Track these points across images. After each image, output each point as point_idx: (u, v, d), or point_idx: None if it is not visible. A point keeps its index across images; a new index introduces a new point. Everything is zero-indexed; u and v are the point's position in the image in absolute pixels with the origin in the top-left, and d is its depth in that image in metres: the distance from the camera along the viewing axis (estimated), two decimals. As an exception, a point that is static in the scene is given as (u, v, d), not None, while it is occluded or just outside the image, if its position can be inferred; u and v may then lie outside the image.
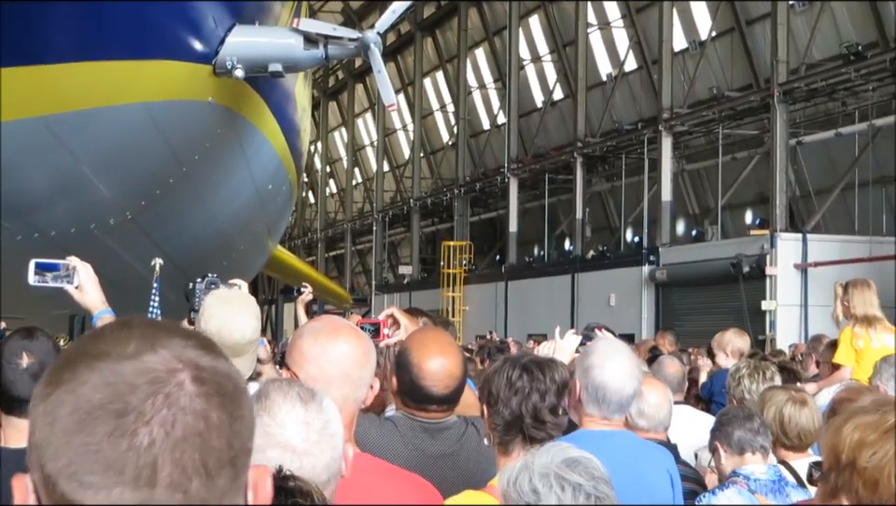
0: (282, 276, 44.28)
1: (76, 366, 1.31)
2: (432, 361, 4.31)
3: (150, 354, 1.31)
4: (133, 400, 1.27)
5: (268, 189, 26.19)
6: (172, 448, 1.26)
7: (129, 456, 1.25)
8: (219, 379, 1.34)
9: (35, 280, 4.30)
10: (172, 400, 1.28)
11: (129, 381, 1.28)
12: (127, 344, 1.33)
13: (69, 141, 16.24)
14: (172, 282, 18.58)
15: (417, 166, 53.86)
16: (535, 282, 40.12)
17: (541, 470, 2.65)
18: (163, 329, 1.38)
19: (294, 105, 26.37)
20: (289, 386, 2.66)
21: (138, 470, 1.24)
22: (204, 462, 1.28)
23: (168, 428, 1.27)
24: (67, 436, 1.27)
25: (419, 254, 53.03)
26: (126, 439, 1.25)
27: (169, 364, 1.31)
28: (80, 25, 14.40)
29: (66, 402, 1.28)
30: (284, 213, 32.95)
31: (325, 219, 67.96)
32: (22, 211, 18.47)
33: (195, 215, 22.89)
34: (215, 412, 1.30)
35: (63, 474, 1.26)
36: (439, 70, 54.06)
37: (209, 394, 1.31)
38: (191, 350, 1.35)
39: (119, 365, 1.30)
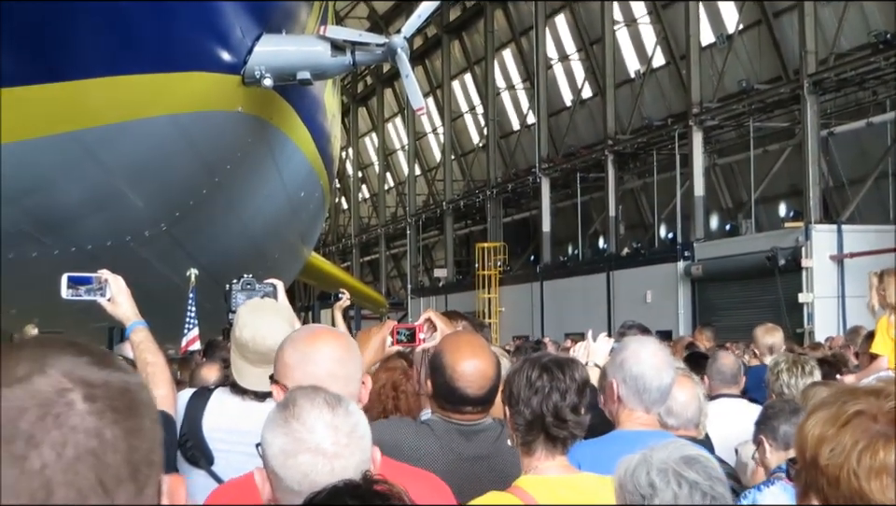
0: (318, 283, 44.36)
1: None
2: (466, 363, 4.33)
3: (39, 376, 1.29)
4: (23, 425, 1.25)
5: (300, 196, 26.26)
6: (65, 470, 1.24)
7: (21, 481, 1.23)
8: (113, 394, 1.32)
9: (69, 294, 4.33)
10: (62, 421, 1.26)
11: (18, 405, 1.27)
12: (17, 366, 1.31)
13: (101, 155, 16.33)
14: (207, 292, 18.72)
15: (449, 169, 53.86)
16: (570, 281, 40.05)
17: (660, 466, 2.64)
18: (56, 346, 1.36)
19: (324, 111, 26.42)
20: (315, 393, 2.69)
21: (31, 493, 1.23)
22: (101, 480, 1.26)
23: (59, 449, 1.25)
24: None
25: (453, 256, 53.05)
26: (17, 464, 1.24)
27: (59, 384, 1.29)
28: (108, 40, 14.47)
29: None
30: (317, 220, 33.03)
31: (358, 225, 68.11)
32: (58, 226, 18.61)
33: (228, 224, 22.97)
34: (108, 428, 1.29)
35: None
36: (467, 72, 54.04)
37: (101, 411, 1.29)
38: (83, 367, 1.32)
39: (8, 390, 1.28)
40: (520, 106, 49.76)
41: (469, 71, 53.79)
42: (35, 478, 1.23)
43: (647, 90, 38.89)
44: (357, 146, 68.66)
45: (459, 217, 53.92)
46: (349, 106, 63.95)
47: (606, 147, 38.94)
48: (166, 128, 16.71)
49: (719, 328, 18.44)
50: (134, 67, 15.19)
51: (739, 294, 31.37)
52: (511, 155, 49.17)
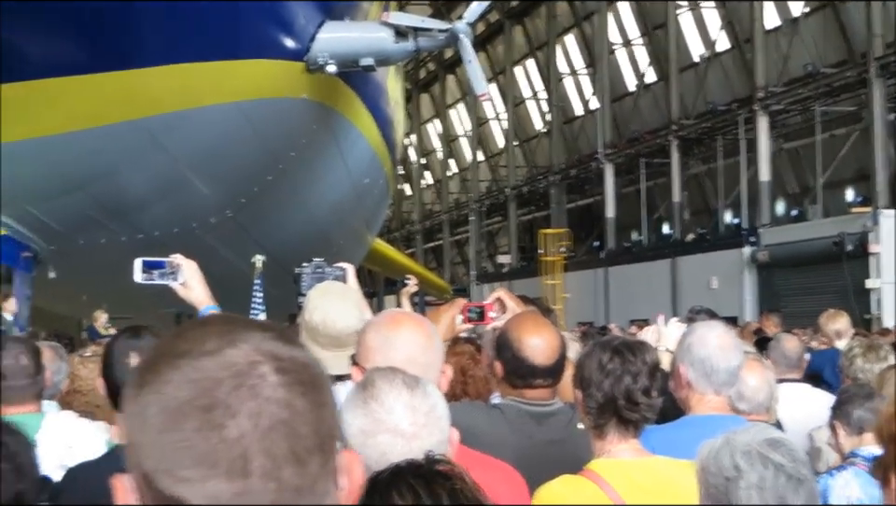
0: (382, 269, 44.47)
1: (158, 366, 1.34)
2: (532, 336, 4.37)
3: (231, 348, 1.34)
4: (219, 394, 1.29)
5: (364, 182, 26.33)
6: (261, 438, 1.28)
7: (220, 449, 1.27)
8: (299, 368, 1.36)
9: (142, 278, 4.37)
10: (256, 392, 1.30)
11: (213, 376, 1.31)
12: (206, 340, 1.35)
13: (167, 142, 16.48)
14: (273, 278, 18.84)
15: (512, 155, 53.81)
16: (634, 267, 39.90)
17: (744, 448, 2.64)
18: (241, 324, 1.40)
19: (387, 98, 26.47)
20: (393, 374, 2.71)
21: (230, 462, 1.27)
22: (294, 450, 1.30)
23: (255, 418, 1.29)
24: (159, 434, 1.30)
25: (517, 243, 53.01)
26: (216, 432, 1.28)
27: (249, 357, 1.33)
28: (173, 28, 14.59)
29: (153, 402, 1.31)
30: (381, 206, 33.11)
31: (422, 211, 68.24)
32: (125, 213, 18.83)
33: (293, 211, 23.09)
34: (298, 400, 1.32)
35: (159, 471, 1.29)
36: (529, 58, 53.90)
37: (291, 383, 1.33)
38: (270, 342, 1.37)
39: (201, 361, 1.32)
40: (583, 92, 49.57)
41: (531, 56, 53.65)
42: (233, 446, 1.27)
43: (711, 74, 38.60)
44: (419, 132, 68.73)
45: (523, 203, 53.85)
46: (412, 93, 64.02)
47: (670, 133, 38.74)
48: (231, 115, 16.82)
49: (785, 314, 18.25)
50: (199, 55, 15.31)
51: (806, 280, 31.06)
52: (574, 141, 49.03)
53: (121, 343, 4.08)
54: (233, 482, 1.27)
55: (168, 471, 1.28)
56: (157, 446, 1.29)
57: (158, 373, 1.33)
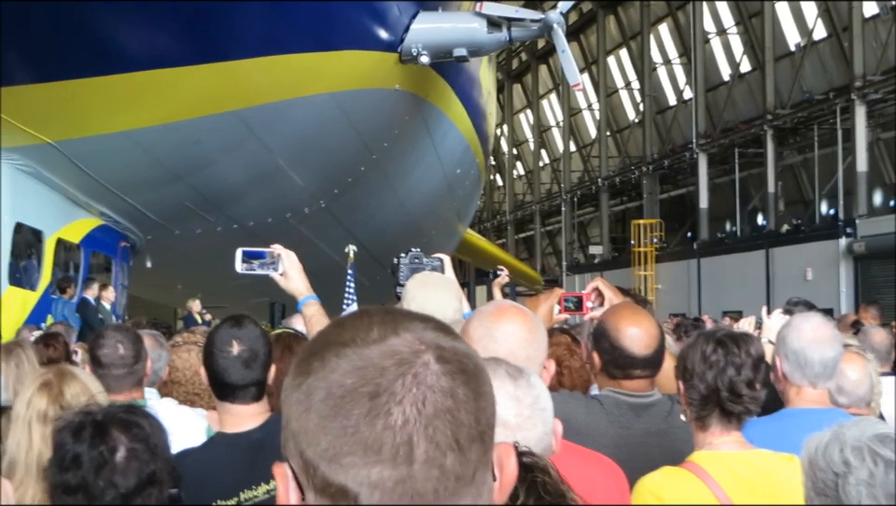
0: (473, 259, 44.54)
1: (324, 355, 1.36)
2: (629, 325, 4.32)
3: (394, 337, 1.36)
4: (384, 382, 1.31)
5: (456, 173, 26.38)
6: (425, 425, 1.30)
7: (385, 436, 1.29)
8: (461, 358, 1.37)
9: (243, 268, 4.41)
10: (420, 380, 1.32)
11: (377, 364, 1.33)
12: (370, 330, 1.37)
13: (262, 133, 16.64)
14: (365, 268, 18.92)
15: (604, 145, 53.53)
16: (728, 258, 39.47)
17: (854, 443, 2.59)
18: (401, 314, 1.42)
19: (479, 88, 26.48)
20: (497, 364, 2.69)
21: (395, 448, 1.29)
22: (456, 437, 1.31)
23: (420, 406, 1.30)
24: (324, 421, 1.32)
25: (609, 233, 52.76)
26: (381, 419, 1.29)
27: (413, 346, 1.35)
28: (269, 20, 14.72)
29: (320, 389, 1.33)
30: (473, 196, 33.15)
31: (513, 202, 68.15)
32: (221, 203, 19.05)
33: (386, 201, 23.21)
34: (461, 389, 1.34)
35: (323, 458, 1.31)
36: (622, 47, 53.53)
37: (453, 372, 1.34)
38: (431, 332, 1.39)
39: (366, 350, 1.34)
40: (676, 81, 49.11)
41: (624, 46, 53.27)
42: (399, 433, 1.29)
43: (807, 63, 38.01)
44: (511, 122, 68.63)
45: (615, 193, 53.56)
46: (504, 83, 63.96)
47: (765, 122, 38.23)
48: (326, 106, 16.94)
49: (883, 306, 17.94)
50: (295, 47, 15.43)
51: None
52: (667, 131, 48.60)
53: (223, 332, 4.12)
54: (397, 468, 1.29)
55: (333, 458, 1.30)
56: (321, 433, 1.32)
57: (323, 361, 1.35)
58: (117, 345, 5.06)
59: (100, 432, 2.69)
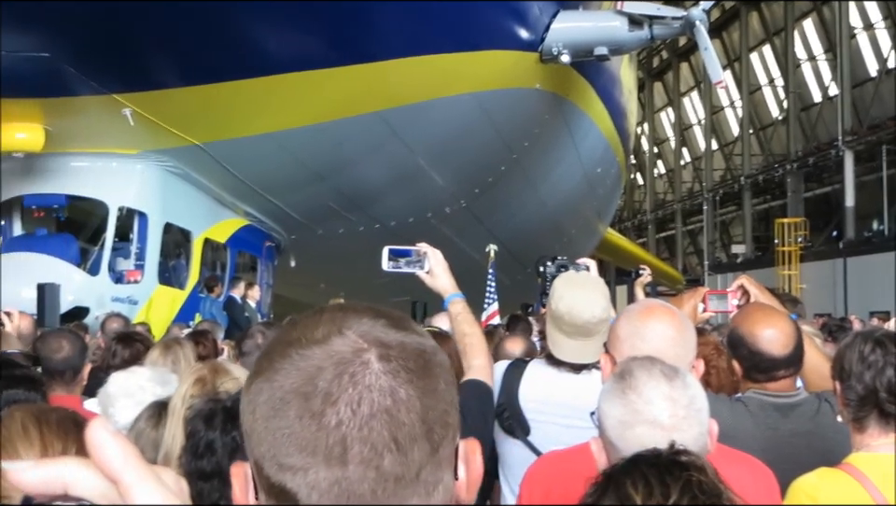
0: (613, 259, 44.25)
1: (271, 355, 1.36)
2: (764, 327, 4.23)
3: (337, 337, 1.34)
4: (321, 383, 1.29)
5: (597, 172, 26.26)
6: (359, 426, 1.28)
7: (319, 437, 1.28)
8: (407, 355, 1.34)
9: (389, 266, 4.45)
10: (357, 380, 1.29)
11: (317, 364, 1.31)
12: (316, 328, 1.36)
13: (404, 134, 16.76)
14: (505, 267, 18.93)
15: (747, 143, 52.73)
16: (875, 258, 38.55)
17: None
18: (354, 311, 1.40)
19: (620, 87, 26.33)
20: (652, 363, 2.66)
21: (329, 449, 1.27)
22: (394, 437, 1.29)
23: (354, 406, 1.28)
24: (265, 422, 1.31)
25: (752, 232, 51.98)
26: (315, 420, 1.28)
27: (355, 344, 1.32)
28: (411, 21, 14.82)
29: (263, 390, 1.33)
30: (613, 195, 32.97)
31: (654, 200, 67.60)
32: (363, 203, 19.25)
33: (526, 200, 23.20)
34: (402, 387, 1.30)
35: (266, 458, 1.31)
36: (765, 44, 52.66)
37: (396, 371, 1.31)
38: (379, 329, 1.36)
39: (307, 350, 1.32)
40: (821, 78, 48.15)
41: (767, 42, 52.41)
42: (332, 434, 1.27)
43: (960, 57, 37.02)
44: (652, 121, 68.06)
45: (758, 192, 52.75)
46: (644, 81, 63.44)
47: (915, 118, 37.35)
48: (467, 106, 17.00)
49: None
50: (437, 47, 15.51)
51: None
52: (811, 128, 47.70)
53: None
54: (332, 469, 1.28)
55: (273, 458, 1.30)
56: (264, 433, 1.31)
57: (270, 362, 1.35)
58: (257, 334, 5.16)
59: (231, 418, 2.74)
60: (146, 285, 15.73)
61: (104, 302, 14.71)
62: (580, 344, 4.38)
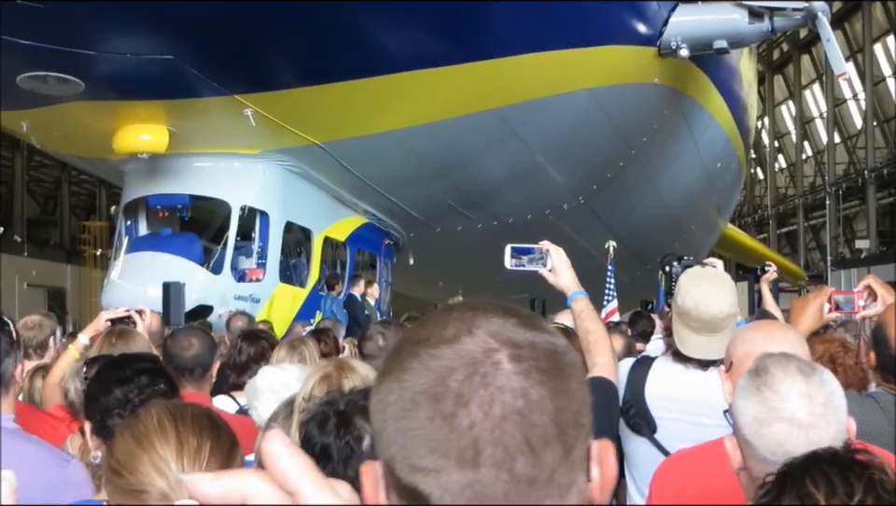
0: (733, 254, 43.71)
1: (400, 354, 1.35)
2: None
3: (467, 336, 1.32)
4: (452, 384, 1.28)
5: (716, 167, 25.97)
6: (492, 428, 1.26)
7: (451, 439, 1.26)
8: (539, 355, 1.32)
9: (512, 264, 4.45)
10: (489, 381, 1.28)
11: (447, 364, 1.29)
12: (446, 327, 1.34)
13: (522, 130, 16.74)
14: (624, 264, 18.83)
15: (871, 136, 51.68)
16: None
17: None
18: (483, 309, 1.37)
19: (740, 80, 25.99)
20: (787, 361, 2.63)
21: (461, 451, 1.25)
22: (527, 440, 1.27)
23: (486, 408, 1.26)
24: (396, 422, 1.30)
25: (876, 227, 50.96)
26: (447, 422, 1.26)
27: (485, 344, 1.31)
28: (529, 18, 14.78)
29: (393, 390, 1.32)
30: (733, 191, 32.57)
31: (775, 195, 66.61)
32: (481, 200, 19.30)
33: (645, 196, 23.04)
34: (534, 389, 1.28)
35: (397, 459, 1.30)
36: (889, 34, 51.55)
37: (527, 371, 1.29)
38: (510, 328, 1.34)
39: (437, 350, 1.31)
40: (949, 68, 47.10)
41: (892, 33, 51.31)
42: (464, 436, 1.26)
43: None
44: (772, 114, 67.04)
45: (883, 185, 51.68)
46: (764, 74, 62.53)
47: None
48: (584, 102, 16.93)
49: None
50: (555, 43, 15.47)
51: None
52: (939, 119, 46.66)
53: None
54: (464, 472, 1.26)
55: (405, 459, 1.29)
56: (395, 434, 1.30)
57: (399, 361, 1.34)
58: (377, 336, 5.20)
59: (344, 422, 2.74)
60: (267, 283, 15.94)
61: (226, 301, 14.94)
62: (706, 340, 4.34)
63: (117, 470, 2.08)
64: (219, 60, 13.08)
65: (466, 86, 14.78)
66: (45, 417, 5.21)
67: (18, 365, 4.17)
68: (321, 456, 2.70)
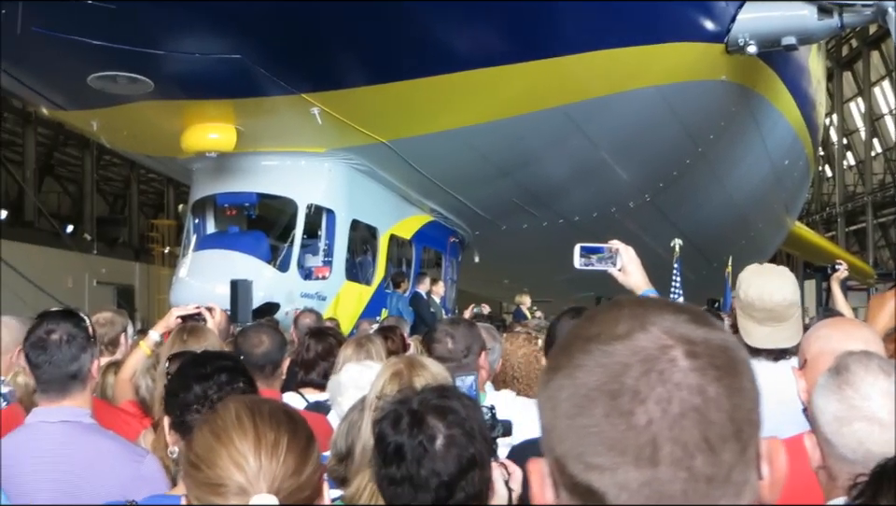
0: (801, 253, 43.37)
1: (571, 350, 1.33)
2: None
3: (641, 332, 1.31)
4: (628, 380, 1.27)
5: (784, 164, 25.75)
6: (670, 426, 1.24)
7: (628, 436, 1.25)
8: (713, 352, 1.30)
9: (581, 263, 4.43)
10: (665, 378, 1.26)
11: (621, 361, 1.28)
12: (617, 324, 1.33)
13: (587, 128, 16.69)
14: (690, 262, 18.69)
15: (941, 133, 51.11)
16: None
17: None
18: (653, 306, 1.36)
19: (808, 77, 25.74)
20: (868, 358, 2.59)
21: (638, 449, 1.24)
22: (705, 437, 1.25)
23: (664, 405, 1.25)
24: (569, 420, 1.29)
25: (947, 225, 50.37)
26: (624, 419, 1.25)
27: (660, 341, 1.30)
28: (594, 16, 14.73)
29: (565, 386, 1.31)
30: (801, 188, 32.27)
31: (843, 193, 65.91)
32: (547, 198, 19.27)
33: (711, 194, 22.90)
34: (711, 386, 1.27)
35: (570, 457, 1.28)
36: (962, 28, 50.91)
37: (703, 368, 1.28)
38: (683, 325, 1.32)
39: (610, 346, 1.30)
40: None
41: (964, 27, 50.66)
42: (642, 434, 1.25)
43: None
44: (841, 111, 66.30)
45: (953, 183, 51.11)
46: (833, 71, 61.87)
47: None
48: (651, 99, 16.84)
49: None
50: (620, 41, 15.40)
51: None
52: None
53: (564, 323, 4.18)
54: (642, 470, 1.24)
55: (578, 457, 1.27)
56: (568, 431, 1.29)
57: (570, 357, 1.32)
58: (446, 339, 5.20)
59: (417, 422, 2.74)
60: (333, 281, 16.01)
61: (293, 298, 15.03)
62: (771, 330, 4.32)
63: (195, 463, 2.11)
64: (287, 59, 13.16)
65: (531, 84, 14.75)
66: (117, 413, 5.28)
67: (94, 361, 4.23)
68: (395, 455, 2.71)
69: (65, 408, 4.06)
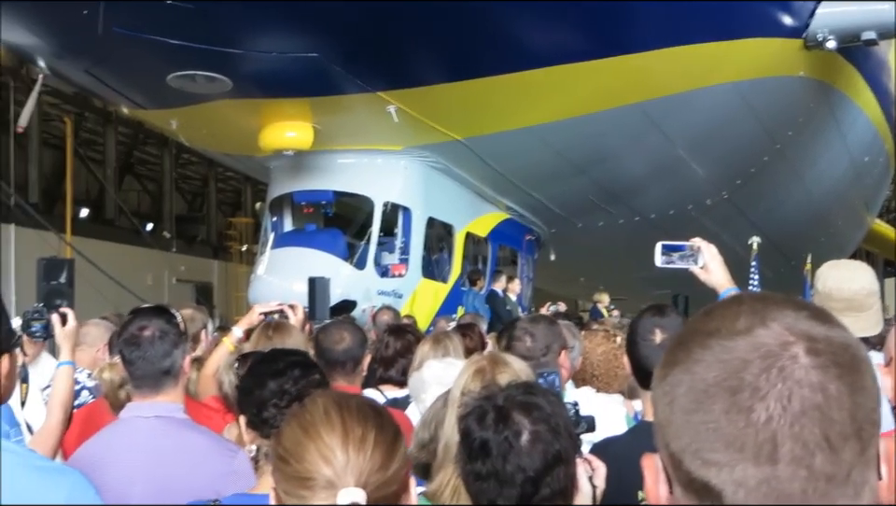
0: (881, 250, 42.72)
1: (689, 345, 1.33)
2: None
3: (761, 328, 1.30)
4: (748, 377, 1.26)
5: (864, 161, 25.39)
6: (790, 423, 1.24)
7: (747, 433, 1.24)
8: (835, 349, 1.29)
9: (662, 261, 4.41)
10: (786, 374, 1.26)
11: (741, 357, 1.28)
12: (737, 319, 1.32)
13: (664, 125, 16.59)
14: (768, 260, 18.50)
15: None
16: None
17: None
18: (774, 301, 1.36)
19: (889, 72, 25.35)
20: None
21: (758, 446, 1.24)
22: (826, 436, 1.24)
23: (785, 402, 1.24)
24: (686, 415, 1.29)
25: None
26: (743, 415, 1.25)
27: (781, 337, 1.29)
28: (671, 12, 14.63)
29: (683, 382, 1.31)
30: (881, 185, 31.78)
31: (924, 190, 64.93)
32: (623, 195, 19.18)
33: (790, 191, 22.65)
34: (832, 383, 1.26)
35: (686, 452, 1.28)
36: None
37: (825, 365, 1.27)
38: (804, 321, 1.31)
39: (730, 341, 1.29)
40: None
41: None
42: (761, 431, 1.25)
43: None
44: (922, 107, 65.38)
45: None
46: (914, 65, 60.95)
47: None
48: (728, 96, 16.70)
49: None
50: (697, 37, 15.29)
51: None
52: None
53: (646, 320, 4.17)
54: (760, 467, 1.24)
55: (696, 453, 1.27)
56: (685, 427, 1.29)
57: (688, 352, 1.32)
58: (525, 337, 5.20)
59: (503, 418, 2.74)
60: (410, 278, 16.07)
61: (370, 296, 15.10)
62: (851, 320, 4.30)
63: (284, 457, 2.14)
64: (363, 57, 13.21)
65: (607, 81, 14.68)
66: (202, 408, 5.35)
67: (186, 356, 4.30)
68: (480, 451, 2.72)
69: (159, 403, 4.14)
